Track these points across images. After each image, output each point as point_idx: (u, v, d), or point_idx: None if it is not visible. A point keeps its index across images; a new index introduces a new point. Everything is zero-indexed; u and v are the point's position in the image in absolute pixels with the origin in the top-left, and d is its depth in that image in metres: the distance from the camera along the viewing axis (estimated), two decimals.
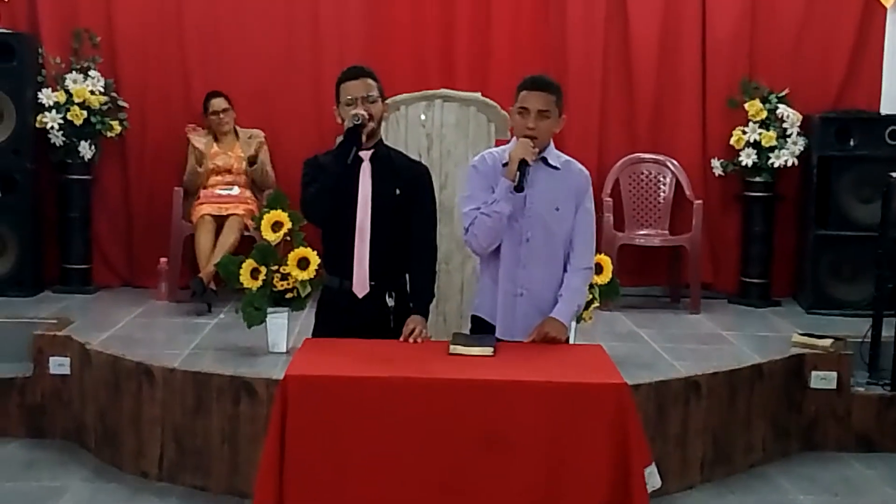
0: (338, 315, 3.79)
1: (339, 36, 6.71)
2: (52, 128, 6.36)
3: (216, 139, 6.56)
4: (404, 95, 4.99)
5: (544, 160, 3.68)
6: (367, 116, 3.66)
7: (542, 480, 3.09)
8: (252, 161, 6.43)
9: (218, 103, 6.52)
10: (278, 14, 6.74)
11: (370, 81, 3.76)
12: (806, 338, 5.44)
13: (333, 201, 3.67)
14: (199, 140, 6.47)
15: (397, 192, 3.76)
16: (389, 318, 3.77)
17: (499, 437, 3.09)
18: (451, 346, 3.45)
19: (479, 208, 3.61)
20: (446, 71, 6.71)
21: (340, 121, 3.76)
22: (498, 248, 3.68)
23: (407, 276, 3.86)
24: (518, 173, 3.54)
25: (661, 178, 6.80)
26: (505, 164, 3.63)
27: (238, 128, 6.61)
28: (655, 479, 3.16)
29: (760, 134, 6.52)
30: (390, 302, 3.78)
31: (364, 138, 3.68)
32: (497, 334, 3.67)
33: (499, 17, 6.78)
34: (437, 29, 6.79)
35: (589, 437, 3.10)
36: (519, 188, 3.55)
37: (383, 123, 3.89)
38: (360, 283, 3.74)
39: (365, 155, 3.74)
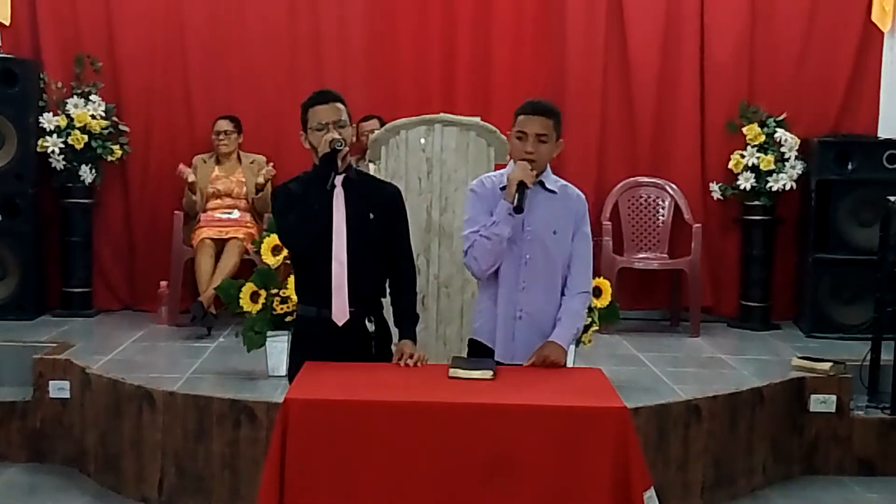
0: (317, 345, 3.66)
1: (342, 60, 6.76)
2: (52, 152, 6.40)
3: (218, 162, 6.59)
4: (404, 120, 5.01)
5: (542, 184, 3.70)
6: (341, 139, 3.59)
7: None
8: (259, 188, 6.43)
9: (221, 125, 6.55)
10: (281, 39, 6.79)
11: (340, 106, 3.68)
12: (806, 361, 5.44)
13: (317, 225, 3.60)
14: (191, 173, 6.44)
15: (371, 215, 3.69)
16: (371, 344, 3.70)
17: (499, 460, 3.08)
18: (451, 370, 3.44)
19: (478, 231, 3.62)
20: (447, 95, 6.74)
21: (308, 146, 3.69)
22: (497, 271, 3.69)
23: (385, 299, 3.80)
24: (517, 195, 3.56)
25: (660, 202, 6.82)
26: (503, 188, 3.65)
27: (241, 152, 6.64)
28: (654, 502, 3.16)
29: (759, 158, 6.55)
30: (370, 327, 3.70)
31: (340, 163, 3.61)
32: (496, 357, 3.67)
33: (499, 43, 6.82)
34: (438, 54, 6.84)
35: (589, 460, 3.09)
36: (518, 209, 3.56)
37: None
38: (340, 311, 3.63)
39: (337, 180, 3.65)
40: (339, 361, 3.55)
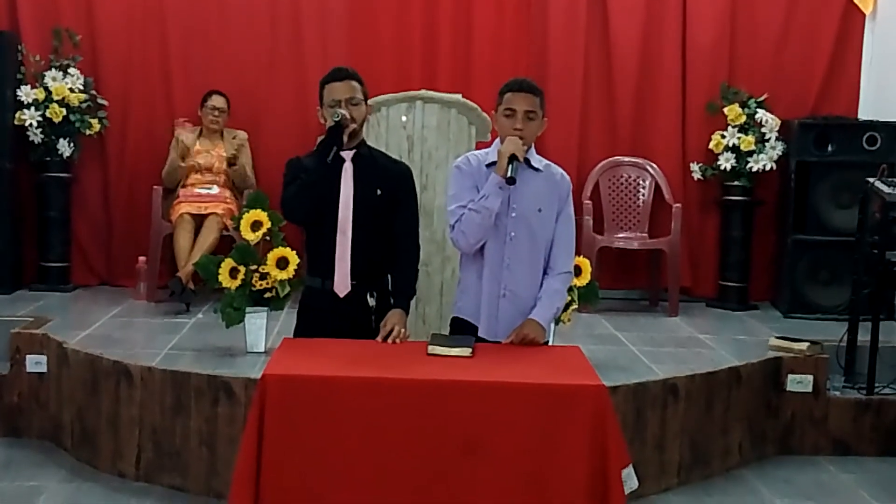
0: (319, 316, 3.81)
1: (322, 37, 6.71)
2: (30, 125, 6.35)
3: (200, 135, 6.54)
4: (385, 96, 4.99)
5: (527, 162, 3.71)
6: (348, 116, 3.69)
7: (519, 481, 3.10)
8: (231, 162, 6.40)
9: (217, 101, 6.51)
10: (262, 16, 6.74)
11: (354, 84, 3.79)
12: (783, 341, 5.46)
13: (313, 199, 3.69)
14: (186, 135, 6.41)
15: (379, 192, 3.79)
16: (371, 319, 3.79)
17: (476, 437, 3.10)
18: (430, 347, 3.45)
19: (465, 206, 3.63)
20: (428, 73, 6.72)
21: (324, 121, 3.79)
22: (482, 249, 3.70)
23: (388, 276, 3.88)
24: (509, 167, 3.56)
25: (641, 182, 6.83)
26: (489, 165, 3.66)
27: (224, 128, 6.60)
28: (633, 480, 3.17)
29: (739, 138, 6.56)
30: (371, 302, 3.80)
31: (346, 138, 3.70)
32: (480, 335, 3.69)
33: (481, 21, 6.79)
34: (419, 31, 6.80)
35: (567, 438, 3.11)
36: (511, 181, 3.56)
37: (364, 125, 3.90)
38: (342, 282, 3.76)
39: (347, 155, 3.77)
40: (339, 333, 3.63)
